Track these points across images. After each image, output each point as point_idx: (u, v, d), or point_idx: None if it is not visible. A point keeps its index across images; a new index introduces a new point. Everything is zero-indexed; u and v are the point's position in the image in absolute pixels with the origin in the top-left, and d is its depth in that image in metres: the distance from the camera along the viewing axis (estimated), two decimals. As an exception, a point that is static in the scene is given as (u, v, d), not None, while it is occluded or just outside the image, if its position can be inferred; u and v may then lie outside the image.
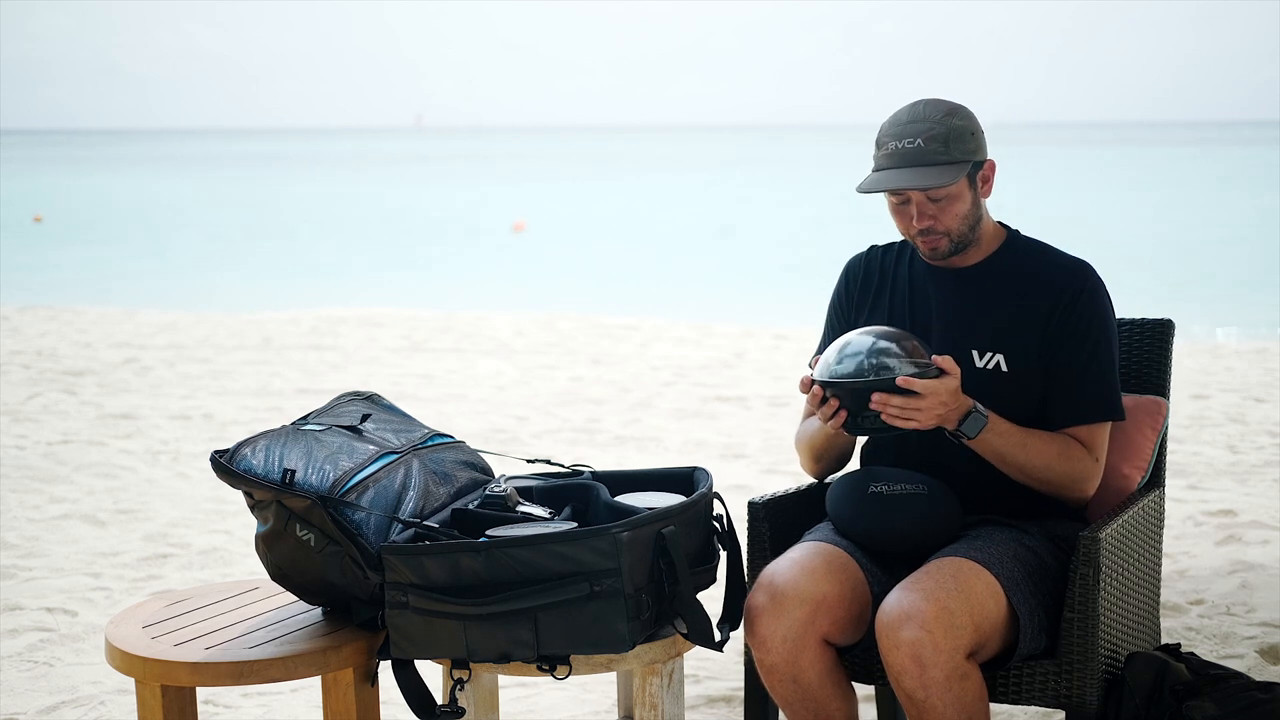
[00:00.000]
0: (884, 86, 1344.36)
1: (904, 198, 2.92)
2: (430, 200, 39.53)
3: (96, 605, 4.78)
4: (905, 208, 2.93)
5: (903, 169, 2.87)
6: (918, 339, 2.82)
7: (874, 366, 2.75)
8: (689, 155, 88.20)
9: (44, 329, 12.13)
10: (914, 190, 2.88)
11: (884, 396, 2.74)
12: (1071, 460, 2.90)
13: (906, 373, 2.74)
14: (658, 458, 7.12)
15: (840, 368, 2.78)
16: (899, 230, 2.98)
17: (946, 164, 2.86)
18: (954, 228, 2.92)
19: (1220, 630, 4.32)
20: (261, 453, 2.64)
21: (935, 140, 2.87)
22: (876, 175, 2.91)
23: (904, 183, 2.86)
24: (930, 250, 2.95)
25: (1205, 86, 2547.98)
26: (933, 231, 2.92)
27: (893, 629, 2.65)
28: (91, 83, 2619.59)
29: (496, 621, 2.52)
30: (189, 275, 19.65)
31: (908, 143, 2.88)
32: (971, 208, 2.93)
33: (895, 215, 2.96)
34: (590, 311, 14.01)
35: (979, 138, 2.93)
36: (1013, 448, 2.85)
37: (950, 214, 2.91)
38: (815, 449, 3.07)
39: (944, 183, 2.85)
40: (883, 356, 2.76)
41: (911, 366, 2.75)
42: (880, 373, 2.74)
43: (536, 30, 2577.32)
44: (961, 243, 2.94)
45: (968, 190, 2.91)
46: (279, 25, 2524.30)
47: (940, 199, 2.89)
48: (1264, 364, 9.90)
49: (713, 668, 4.17)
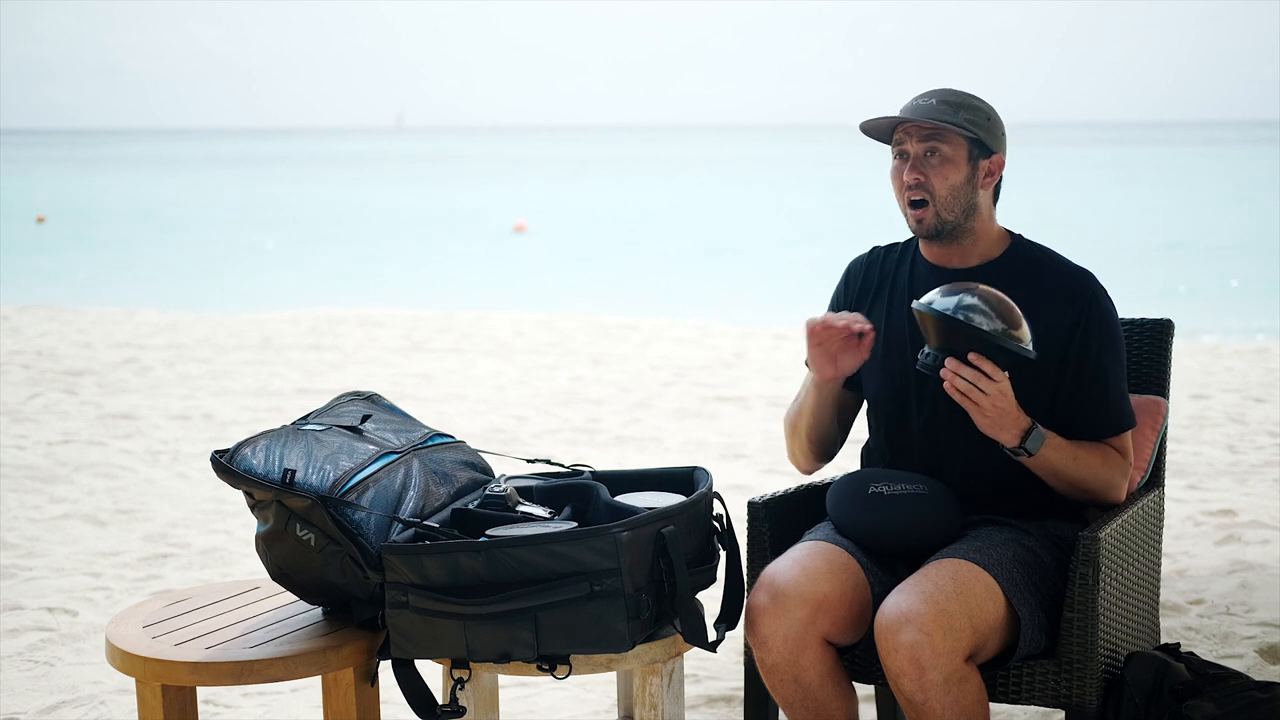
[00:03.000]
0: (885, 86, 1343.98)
1: (902, 150, 2.94)
2: (430, 200, 39.54)
3: (97, 605, 4.78)
4: (903, 164, 2.95)
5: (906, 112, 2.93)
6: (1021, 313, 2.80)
7: (966, 308, 2.72)
8: (689, 155, 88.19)
9: (44, 329, 12.14)
10: (911, 124, 2.91)
11: (956, 364, 2.74)
12: (1112, 468, 2.93)
13: (994, 329, 2.72)
14: (658, 458, 7.12)
15: (942, 301, 2.76)
16: (896, 197, 2.98)
17: (951, 123, 2.88)
18: (942, 195, 2.92)
19: (1220, 630, 4.33)
20: (262, 453, 2.64)
21: (948, 104, 2.91)
22: (880, 115, 2.95)
23: (903, 114, 2.91)
24: (917, 222, 2.95)
25: (1206, 86, 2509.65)
26: (921, 189, 2.92)
27: (892, 632, 2.65)
28: (92, 82, 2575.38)
29: (496, 621, 2.52)
30: (189, 275, 19.66)
31: (922, 99, 2.94)
32: (965, 185, 2.93)
33: (894, 179, 2.97)
34: (590, 311, 14.02)
35: (994, 128, 2.95)
36: (1066, 461, 2.87)
37: (941, 177, 2.91)
38: (804, 425, 3.08)
39: (940, 123, 2.87)
40: (970, 313, 2.72)
41: (1000, 324, 2.72)
42: (972, 316, 2.72)
43: (537, 29, 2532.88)
44: (949, 221, 2.94)
45: (966, 164, 2.92)
46: (280, 24, 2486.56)
47: (934, 157, 2.91)
48: (1264, 364, 9.90)
49: (713, 668, 4.17)
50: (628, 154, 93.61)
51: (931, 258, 3.05)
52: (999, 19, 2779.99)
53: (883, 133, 3.00)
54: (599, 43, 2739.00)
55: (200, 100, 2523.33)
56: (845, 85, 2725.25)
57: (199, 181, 52.22)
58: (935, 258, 3.04)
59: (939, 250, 3.02)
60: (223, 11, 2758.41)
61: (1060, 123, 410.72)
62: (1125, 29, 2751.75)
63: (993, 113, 2.97)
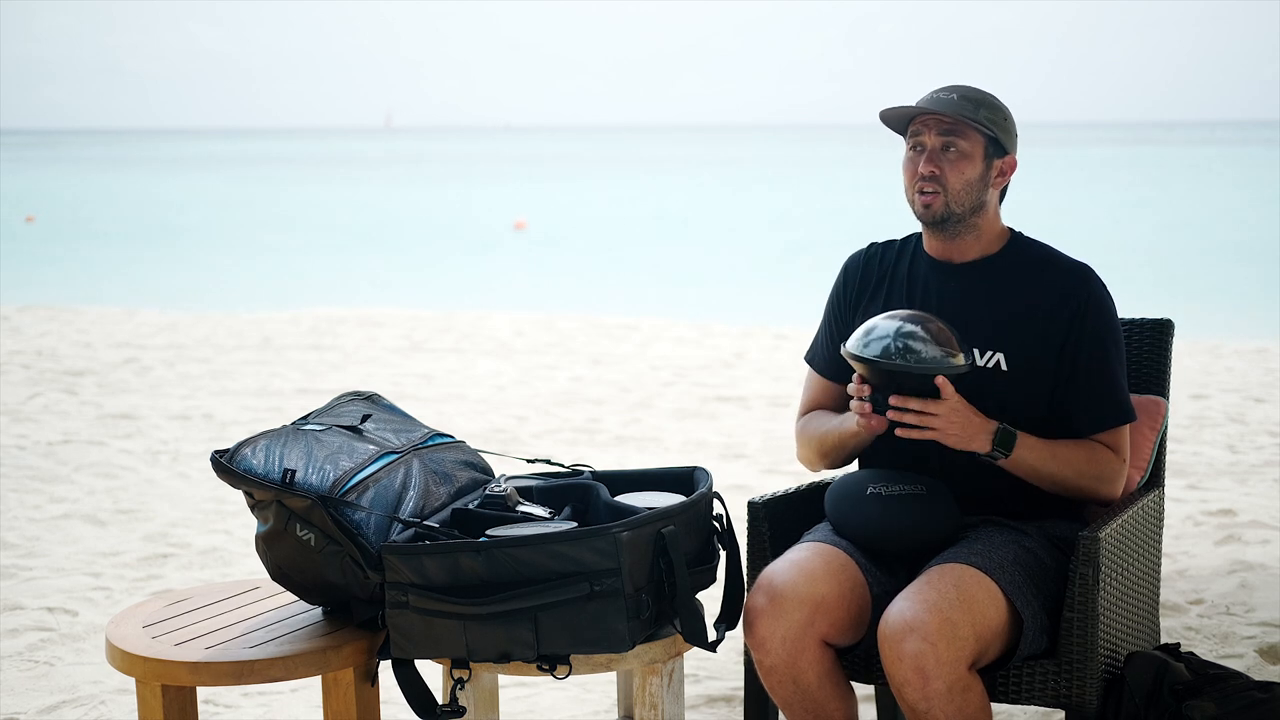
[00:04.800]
0: (885, 86, 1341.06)
1: (919, 143, 2.95)
2: (430, 200, 39.53)
3: (97, 605, 4.78)
4: (918, 155, 2.95)
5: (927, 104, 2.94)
6: (948, 326, 2.81)
7: (900, 350, 2.74)
8: (689, 155, 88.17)
9: (44, 329, 12.13)
10: (931, 116, 2.92)
11: (902, 399, 2.75)
12: (1099, 464, 2.92)
13: (932, 355, 2.73)
14: (658, 458, 7.12)
15: (868, 350, 2.77)
16: (905, 187, 2.99)
17: (971, 119, 2.89)
18: (955, 187, 2.93)
19: (1220, 630, 4.33)
20: (262, 453, 2.64)
21: (969, 100, 2.93)
22: (900, 105, 2.95)
23: (924, 105, 2.91)
24: (924, 207, 2.95)
25: (1206, 86, 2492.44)
26: (934, 180, 2.93)
27: (896, 641, 2.65)
28: (92, 82, 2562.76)
29: (496, 621, 2.52)
30: (189, 275, 19.65)
31: (943, 93, 2.95)
32: (978, 181, 2.94)
33: (906, 169, 2.98)
34: (590, 311, 14.01)
35: (1009, 128, 2.98)
36: (1044, 461, 2.87)
37: (956, 171, 2.92)
38: (825, 450, 3.07)
39: (960, 117, 2.88)
40: (909, 340, 2.75)
41: (938, 350, 2.74)
42: (906, 355, 2.73)
43: (537, 29, 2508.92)
44: (957, 212, 2.94)
45: (980, 161, 2.94)
46: (280, 24, 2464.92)
47: (951, 151, 2.92)
48: (1264, 364, 9.90)
49: (713, 668, 4.17)
50: (628, 154, 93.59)
51: (933, 252, 3.05)
52: (999, 19, 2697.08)
53: (899, 123, 3.01)
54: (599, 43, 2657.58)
55: (200, 100, 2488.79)
56: (845, 85, 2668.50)
57: (199, 181, 52.19)
58: (936, 252, 3.04)
59: (940, 244, 3.02)
60: (223, 11, 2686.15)
61: (1060, 123, 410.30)
62: (1125, 29, 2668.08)
63: (1009, 114, 2.99)
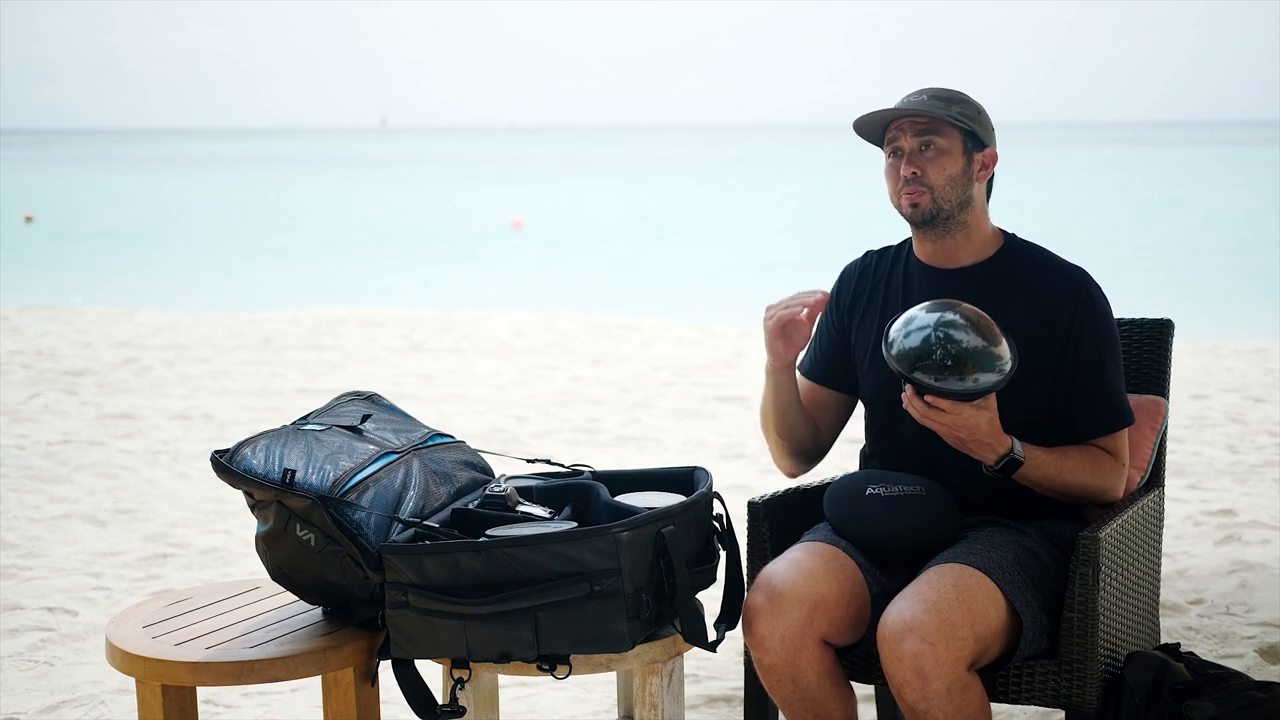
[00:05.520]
0: (885, 86, 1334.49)
1: (897, 148, 2.94)
2: (430, 200, 39.53)
3: (97, 605, 4.78)
4: (898, 160, 2.95)
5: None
6: (986, 314, 2.81)
7: (940, 340, 2.74)
8: (689, 155, 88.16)
9: (44, 329, 12.14)
10: (905, 118, 2.92)
11: (910, 396, 2.75)
12: (1102, 471, 2.93)
13: (974, 346, 2.73)
14: (658, 458, 7.12)
15: (907, 342, 2.77)
16: (890, 195, 2.98)
17: (945, 115, 2.90)
18: (939, 184, 2.92)
19: (1220, 630, 4.33)
20: (262, 452, 2.64)
21: (939, 99, 2.93)
22: (873, 111, 2.96)
23: (897, 108, 2.91)
24: (911, 206, 2.94)
25: (1206, 86, 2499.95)
26: (919, 182, 2.92)
27: (895, 641, 2.65)
28: (92, 82, 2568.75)
29: (496, 621, 2.52)
30: (189, 275, 19.65)
31: (913, 96, 2.95)
32: (961, 176, 2.93)
33: (889, 175, 2.97)
34: (590, 311, 14.01)
35: (984, 120, 2.97)
36: (1050, 475, 2.87)
37: (938, 168, 2.92)
38: (771, 422, 3.10)
39: (934, 116, 2.88)
40: (950, 329, 2.75)
41: (979, 340, 2.74)
42: (948, 345, 2.73)
43: (537, 29, 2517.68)
44: (944, 209, 2.94)
45: (960, 156, 2.93)
46: (280, 24, 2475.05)
47: (930, 150, 2.91)
48: (1264, 364, 9.90)
49: (713, 668, 4.17)
50: (628, 154, 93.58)
51: (924, 257, 3.04)
52: (999, 19, 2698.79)
53: (874, 133, 3.00)
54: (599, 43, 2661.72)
55: (200, 100, 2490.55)
56: (845, 85, 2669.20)
57: (199, 181, 52.18)
58: (928, 256, 3.04)
59: (931, 248, 3.02)
60: (223, 11, 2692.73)
61: (1060, 123, 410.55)
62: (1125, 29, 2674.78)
63: (982, 108, 2.99)
